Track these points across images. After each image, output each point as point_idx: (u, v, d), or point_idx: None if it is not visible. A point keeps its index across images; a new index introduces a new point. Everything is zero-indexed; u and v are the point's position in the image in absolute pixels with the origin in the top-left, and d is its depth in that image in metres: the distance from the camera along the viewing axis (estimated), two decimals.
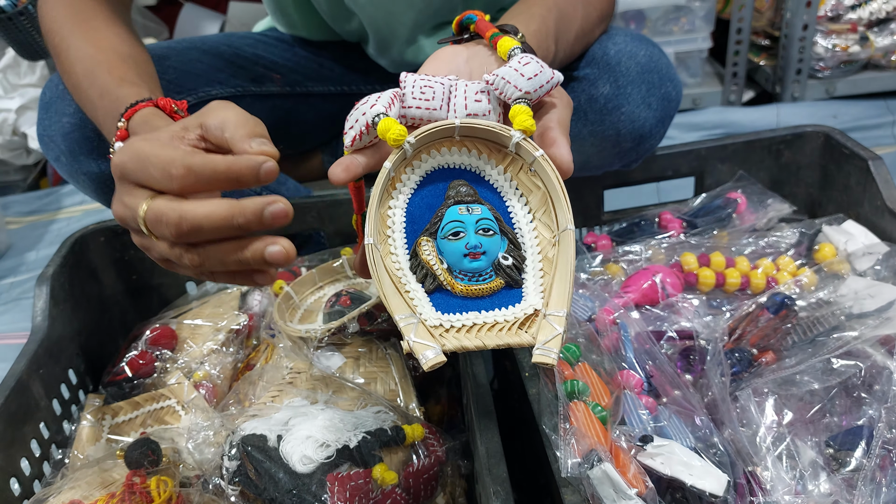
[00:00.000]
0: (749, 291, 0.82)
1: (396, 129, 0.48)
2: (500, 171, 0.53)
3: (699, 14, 1.66)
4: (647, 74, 0.83)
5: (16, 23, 1.46)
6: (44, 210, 1.66)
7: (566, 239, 0.50)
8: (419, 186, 0.52)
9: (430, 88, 0.51)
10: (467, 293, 0.50)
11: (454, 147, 0.52)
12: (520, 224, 0.53)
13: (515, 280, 0.51)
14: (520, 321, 0.50)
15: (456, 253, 0.50)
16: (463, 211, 0.51)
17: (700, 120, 1.70)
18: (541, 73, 0.51)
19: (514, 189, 0.53)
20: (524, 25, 0.65)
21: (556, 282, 0.50)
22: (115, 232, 0.89)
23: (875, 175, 0.85)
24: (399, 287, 0.49)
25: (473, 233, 0.50)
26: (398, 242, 0.51)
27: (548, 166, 0.50)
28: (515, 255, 0.51)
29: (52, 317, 0.77)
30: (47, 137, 0.85)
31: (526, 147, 0.50)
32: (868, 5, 1.65)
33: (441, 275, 0.50)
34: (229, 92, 0.97)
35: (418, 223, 0.52)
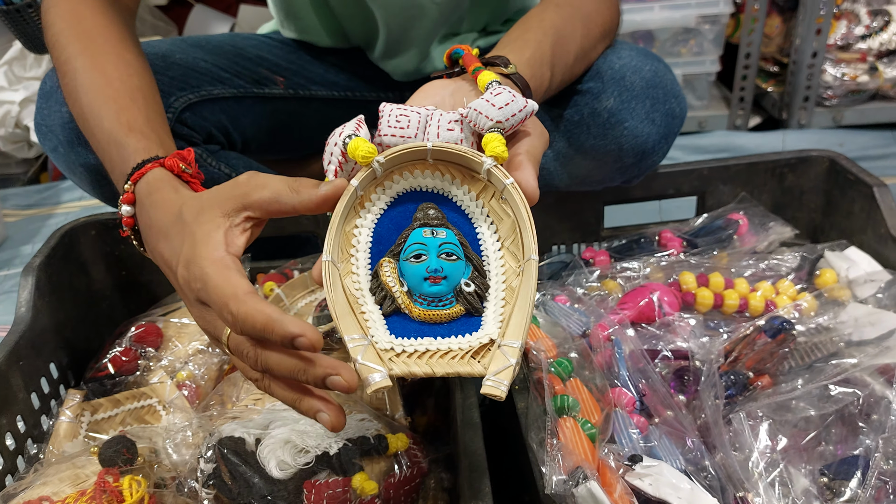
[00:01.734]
0: (747, 314, 0.80)
1: (365, 147, 0.48)
2: (472, 197, 0.53)
3: (708, 37, 1.66)
4: (651, 90, 0.82)
5: (24, 15, 1.46)
6: (42, 204, 1.66)
7: (529, 269, 0.49)
8: (389, 207, 0.52)
9: (405, 117, 0.51)
10: (425, 318, 0.49)
11: (427, 170, 0.52)
12: (487, 251, 0.52)
13: (475, 308, 0.50)
14: (474, 350, 0.49)
15: (416, 276, 0.49)
16: (427, 234, 0.51)
17: (705, 143, 1.69)
18: (512, 102, 0.51)
19: (486, 216, 0.53)
20: (518, 53, 0.66)
21: (515, 312, 0.49)
22: (107, 226, 0.88)
23: (880, 202, 0.84)
24: (354, 307, 0.48)
25: (435, 256, 0.50)
26: (361, 262, 0.50)
27: (517, 194, 0.50)
28: (479, 282, 0.51)
29: (36, 308, 0.76)
30: (45, 127, 0.84)
31: (497, 174, 0.50)
32: (878, 36, 1.64)
33: (400, 297, 0.49)
34: (231, 92, 0.96)
35: (385, 244, 0.51)
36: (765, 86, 1.79)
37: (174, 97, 0.88)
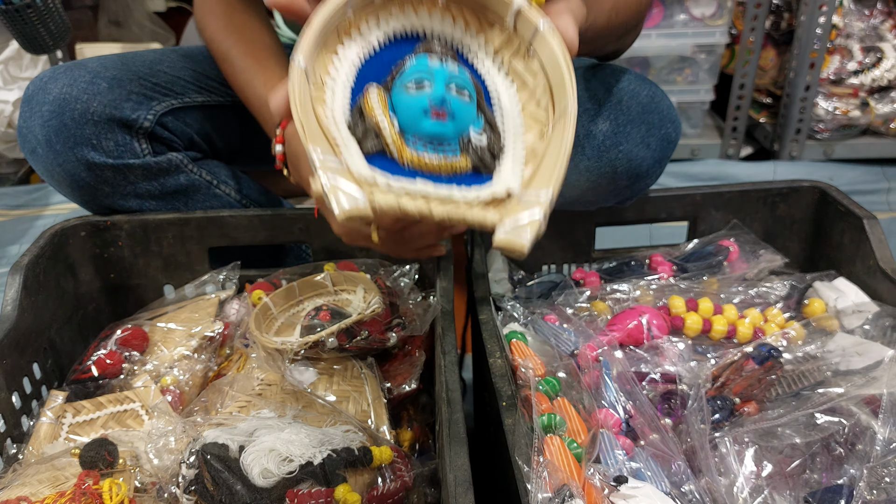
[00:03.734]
0: (735, 340, 0.81)
1: None
2: (489, 51, 0.43)
3: (703, 67, 1.68)
4: (647, 115, 0.83)
5: (23, 15, 1.45)
6: (32, 205, 1.64)
7: (563, 122, 0.39)
8: (382, 48, 0.41)
9: None
10: (419, 165, 0.38)
11: (436, 12, 0.42)
12: (503, 112, 0.42)
13: (486, 164, 0.39)
14: (485, 202, 0.38)
15: (414, 107, 0.38)
16: (435, 62, 0.40)
17: (697, 171, 1.70)
18: None
19: (504, 74, 0.43)
20: None
21: (543, 165, 0.38)
22: (97, 227, 0.87)
23: (869, 234, 0.84)
24: (327, 133, 0.37)
25: (443, 85, 0.39)
26: (338, 97, 0.39)
27: (553, 40, 0.40)
28: (492, 137, 0.40)
29: (22, 307, 0.75)
30: (26, 129, 0.84)
31: (528, 16, 0.40)
32: (870, 72, 1.66)
33: (388, 134, 0.38)
34: (216, 101, 0.96)
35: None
36: (757, 117, 1.81)
37: (156, 101, 0.88)
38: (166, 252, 0.90)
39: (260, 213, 0.90)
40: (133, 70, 0.87)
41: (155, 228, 0.89)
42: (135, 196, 0.87)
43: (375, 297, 0.77)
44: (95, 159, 0.83)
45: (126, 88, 0.85)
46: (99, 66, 0.85)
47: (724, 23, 1.63)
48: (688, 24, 1.62)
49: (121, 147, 0.84)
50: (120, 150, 0.84)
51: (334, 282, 0.86)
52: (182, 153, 0.90)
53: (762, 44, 1.70)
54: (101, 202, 0.87)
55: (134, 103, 0.85)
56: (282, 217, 0.90)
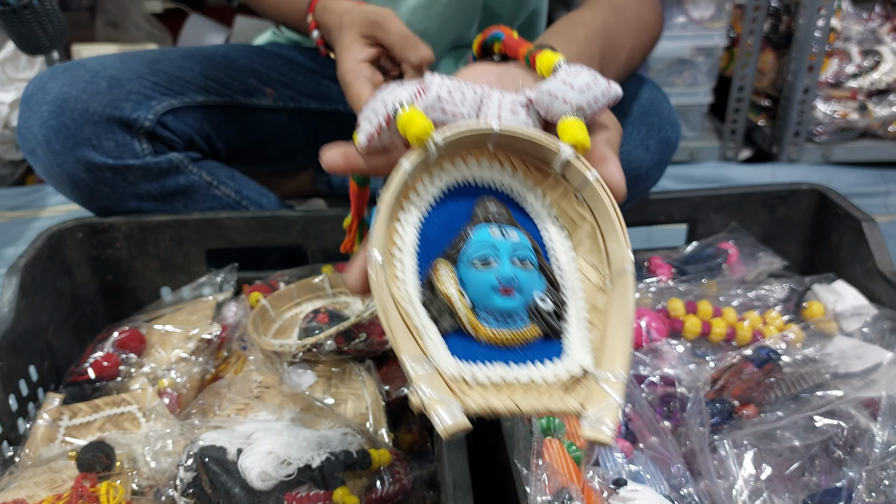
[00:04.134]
0: (734, 343, 0.80)
1: (421, 123, 0.39)
2: (537, 194, 0.44)
3: (702, 69, 1.68)
4: (647, 117, 0.83)
5: (20, 16, 1.45)
6: (28, 206, 1.64)
7: (623, 282, 0.40)
8: (438, 204, 0.42)
9: (459, 92, 0.42)
10: (495, 340, 0.39)
11: (483, 159, 0.43)
12: (559, 262, 0.43)
13: (555, 330, 0.41)
14: (563, 382, 0.39)
15: (484, 285, 0.39)
16: (496, 233, 0.41)
17: (696, 173, 1.70)
18: (594, 83, 0.43)
19: (554, 218, 0.44)
20: (565, 47, 0.58)
21: (610, 335, 0.39)
22: (95, 229, 0.87)
23: (868, 237, 0.84)
24: (408, 322, 0.38)
25: (508, 261, 0.40)
26: (408, 267, 0.40)
27: (602, 191, 0.41)
28: (555, 297, 0.41)
29: (19, 309, 0.75)
30: (25, 129, 0.83)
31: (577, 166, 0.41)
32: (869, 75, 1.67)
33: (463, 313, 0.39)
34: (216, 101, 0.96)
35: (434, 247, 0.41)
36: (756, 119, 1.81)
37: (156, 101, 0.87)
38: (163, 254, 0.90)
39: (258, 215, 0.89)
40: (133, 69, 0.87)
41: (152, 230, 0.88)
42: (134, 196, 0.87)
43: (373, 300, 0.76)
44: (95, 160, 0.82)
45: (126, 88, 0.84)
46: (98, 65, 0.85)
47: (723, 25, 1.63)
48: (686, 27, 1.63)
49: (121, 147, 0.84)
50: (120, 151, 0.84)
51: (332, 284, 0.86)
52: (182, 153, 0.89)
53: (761, 46, 1.70)
54: (101, 202, 0.87)
55: (134, 103, 0.85)
56: (280, 219, 0.89)
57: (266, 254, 1.03)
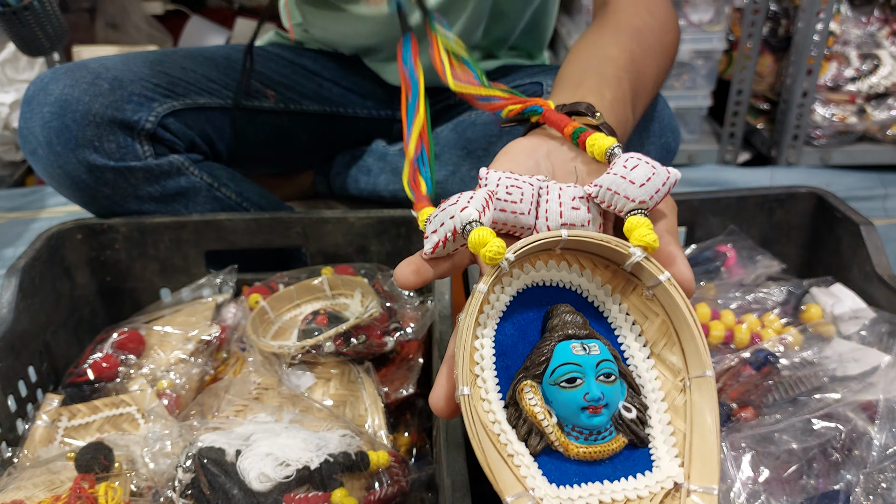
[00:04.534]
0: (732, 346, 0.81)
1: (495, 245, 0.39)
2: (606, 291, 0.43)
3: (701, 72, 1.68)
4: (649, 123, 0.83)
5: (20, 17, 1.45)
6: (27, 207, 1.64)
7: (704, 388, 0.40)
8: (508, 309, 0.42)
9: (517, 189, 0.43)
10: (586, 456, 0.39)
11: (552, 261, 0.43)
12: (634, 360, 0.43)
13: (641, 438, 0.41)
14: (656, 497, 0.39)
15: (572, 405, 0.39)
16: (578, 349, 0.40)
17: (695, 176, 1.71)
18: (654, 176, 0.42)
19: (625, 314, 0.43)
20: (597, 95, 0.58)
21: (696, 445, 0.39)
22: (94, 230, 0.87)
23: (866, 240, 0.85)
24: (500, 449, 0.38)
25: (594, 380, 0.39)
26: (489, 384, 0.40)
27: (675, 293, 0.41)
28: (637, 403, 0.41)
29: (17, 310, 0.75)
30: (26, 130, 0.83)
31: (648, 268, 0.41)
32: (867, 79, 1.67)
33: (552, 432, 0.39)
34: (218, 103, 0.96)
35: (511, 357, 0.42)
36: (755, 123, 1.81)
37: (157, 103, 0.87)
38: (163, 255, 0.90)
39: (257, 217, 0.89)
40: (135, 71, 0.87)
41: (152, 231, 0.88)
42: (135, 198, 0.87)
43: (373, 302, 0.77)
44: (97, 161, 0.83)
45: (128, 90, 0.85)
46: (100, 66, 0.85)
47: (722, 29, 1.63)
48: (685, 30, 1.63)
49: (122, 149, 0.84)
50: (121, 152, 0.84)
51: (332, 286, 0.86)
52: (183, 155, 0.89)
53: (760, 50, 1.71)
54: (101, 203, 0.87)
55: (136, 105, 0.85)
56: (279, 220, 0.89)
57: (266, 255, 1.03)
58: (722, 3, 1.61)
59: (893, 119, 1.67)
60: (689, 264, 0.43)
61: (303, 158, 1.16)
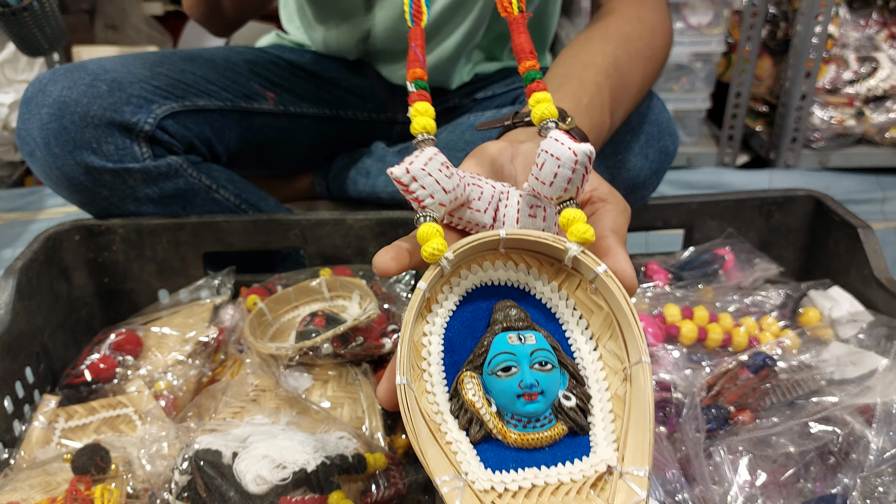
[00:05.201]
0: (730, 349, 0.81)
1: (434, 244, 0.40)
2: (553, 287, 0.45)
3: (700, 75, 1.68)
4: (647, 126, 0.83)
5: (19, 18, 1.45)
6: (25, 208, 1.64)
7: (640, 374, 0.41)
8: (458, 308, 0.44)
9: (477, 187, 0.44)
10: (523, 443, 0.41)
11: (498, 261, 0.45)
12: (581, 353, 0.44)
13: (581, 425, 0.42)
14: (590, 480, 0.40)
15: (508, 393, 0.41)
16: (514, 340, 0.42)
17: (693, 178, 1.71)
18: (560, 168, 0.42)
19: (572, 309, 0.45)
20: (574, 100, 0.60)
21: (631, 430, 0.40)
22: (92, 231, 0.87)
23: (864, 244, 0.85)
24: (438, 437, 0.40)
25: (528, 367, 0.41)
26: (435, 378, 0.42)
27: (613, 284, 0.42)
28: (579, 392, 0.42)
29: (15, 311, 0.75)
30: (24, 131, 0.83)
31: (585, 262, 0.42)
32: (866, 81, 1.67)
33: (490, 420, 0.41)
34: (217, 105, 0.96)
35: (459, 353, 0.43)
36: (753, 125, 1.81)
37: (157, 104, 0.87)
38: (161, 257, 0.90)
39: (255, 219, 0.89)
40: (134, 72, 0.87)
41: (149, 233, 0.88)
42: (133, 199, 0.87)
43: (371, 304, 0.77)
44: (95, 163, 0.82)
45: (126, 91, 0.84)
46: (99, 68, 0.85)
47: (721, 32, 1.63)
48: (685, 33, 1.63)
49: (121, 151, 0.84)
50: (120, 154, 0.84)
51: (330, 287, 0.86)
52: (182, 157, 0.89)
53: (758, 53, 1.71)
54: (99, 205, 0.87)
55: (134, 106, 0.84)
56: (277, 222, 0.90)
57: (264, 257, 1.03)
58: (721, 6, 1.61)
59: (892, 122, 1.67)
60: (629, 260, 0.43)
61: (302, 160, 1.16)
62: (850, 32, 1.72)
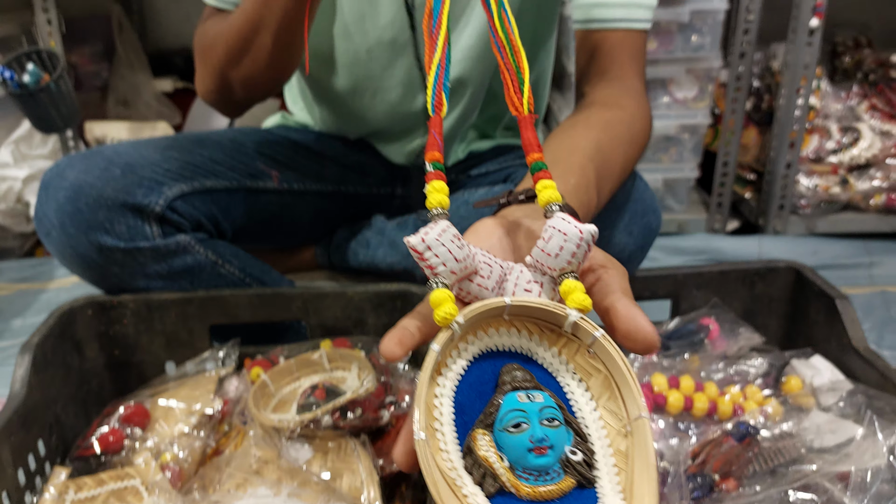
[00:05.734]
0: (716, 417, 0.84)
1: (448, 307, 0.44)
2: (553, 353, 0.48)
3: (688, 146, 1.74)
4: (631, 204, 0.88)
5: (36, 98, 1.53)
6: (35, 278, 1.68)
7: (641, 429, 0.43)
8: (466, 372, 0.47)
9: (488, 266, 0.48)
10: (535, 496, 0.43)
11: (502, 328, 0.48)
12: (582, 412, 0.47)
13: (587, 478, 0.44)
14: None
15: (519, 447, 0.43)
16: (523, 398, 0.44)
17: (685, 245, 1.75)
18: (566, 243, 0.46)
19: (572, 373, 0.48)
20: (563, 181, 0.65)
21: (637, 481, 0.43)
22: (104, 306, 0.91)
23: (841, 314, 0.88)
24: (456, 491, 0.42)
25: (538, 423, 0.43)
26: (448, 437, 0.44)
27: (610, 347, 0.45)
28: (584, 448, 0.44)
29: (30, 385, 0.78)
30: (42, 213, 0.88)
31: (584, 326, 0.45)
32: (848, 151, 1.73)
33: (503, 474, 0.43)
34: (224, 185, 1.01)
35: (468, 414, 0.45)
36: (742, 192, 1.87)
37: (167, 186, 0.92)
38: (169, 329, 0.94)
39: (259, 292, 0.94)
40: (145, 156, 0.92)
41: (159, 307, 0.92)
42: (143, 276, 0.91)
43: (369, 376, 0.80)
44: (107, 243, 0.87)
45: (139, 175, 0.89)
46: (113, 153, 0.90)
47: (706, 105, 1.70)
48: (671, 107, 1.70)
49: (132, 230, 0.88)
50: (131, 234, 0.88)
51: (330, 359, 0.89)
52: (190, 235, 0.94)
53: (744, 123, 1.78)
54: (111, 282, 0.91)
55: (146, 189, 0.89)
56: (281, 296, 0.94)
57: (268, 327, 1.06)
58: (705, 81, 1.68)
59: (875, 189, 1.73)
60: (647, 318, 0.46)
61: (304, 234, 1.21)
62: (832, 104, 1.79)
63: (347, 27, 1.00)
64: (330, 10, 0.99)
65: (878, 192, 1.73)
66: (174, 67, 2.11)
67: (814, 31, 1.59)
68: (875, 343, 1.39)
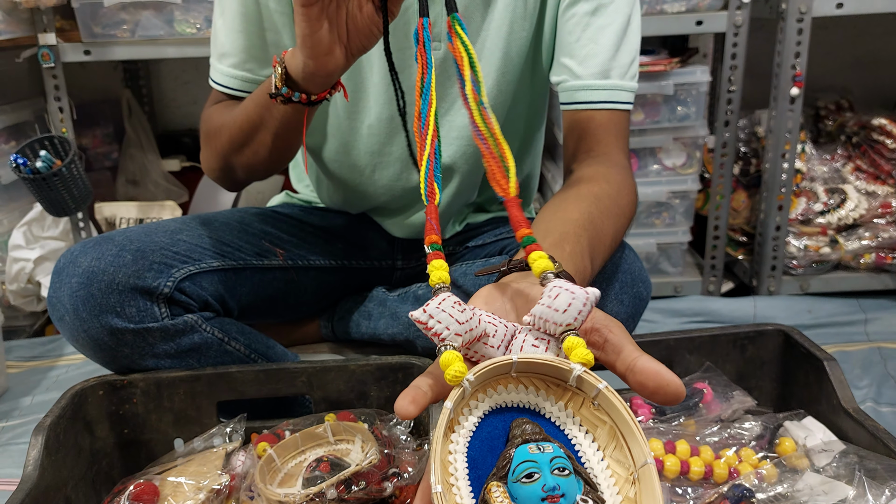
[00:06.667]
0: (712, 480, 0.85)
1: (457, 367, 0.46)
2: (560, 406, 0.50)
3: (679, 210, 1.79)
4: (620, 274, 0.92)
5: (49, 183, 1.58)
6: (45, 356, 1.71)
7: (648, 475, 0.46)
8: (478, 428, 0.49)
9: (493, 326, 0.51)
10: None
11: (511, 385, 0.50)
12: (590, 462, 0.49)
13: None
14: None
15: (532, 497, 0.45)
16: (534, 450, 0.46)
17: (681, 307, 1.78)
18: (574, 301, 0.49)
19: (578, 425, 0.50)
20: (559, 249, 0.68)
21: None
22: (115, 386, 0.94)
23: (830, 375, 0.91)
24: None
25: (549, 473, 0.45)
26: (464, 491, 0.46)
27: (613, 398, 0.47)
28: (594, 496, 0.46)
29: (42, 467, 0.81)
30: (55, 299, 0.92)
31: (588, 380, 0.48)
32: (836, 212, 1.78)
33: None
34: (231, 264, 1.05)
35: (481, 469, 0.47)
36: (735, 254, 1.91)
37: (175, 269, 0.96)
38: (178, 407, 0.96)
39: (265, 368, 0.97)
40: (155, 241, 0.97)
41: (168, 385, 0.95)
42: (152, 355, 0.94)
43: (372, 448, 0.83)
44: (118, 325, 0.90)
45: (148, 259, 0.93)
46: (125, 239, 0.95)
47: (695, 171, 1.76)
48: (661, 174, 1.75)
49: (142, 312, 0.92)
50: (141, 315, 0.92)
51: (334, 432, 0.92)
52: (197, 314, 0.97)
53: (733, 187, 1.83)
54: (121, 362, 0.94)
55: (155, 272, 0.93)
56: (286, 371, 0.97)
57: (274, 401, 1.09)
58: (693, 148, 1.74)
59: (865, 248, 1.77)
60: (669, 370, 0.49)
61: (308, 308, 1.24)
62: (818, 166, 1.85)
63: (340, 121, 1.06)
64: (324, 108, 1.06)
65: (868, 252, 1.77)
66: (182, 147, 2.18)
67: (795, 99, 1.65)
68: (874, 399, 1.40)
